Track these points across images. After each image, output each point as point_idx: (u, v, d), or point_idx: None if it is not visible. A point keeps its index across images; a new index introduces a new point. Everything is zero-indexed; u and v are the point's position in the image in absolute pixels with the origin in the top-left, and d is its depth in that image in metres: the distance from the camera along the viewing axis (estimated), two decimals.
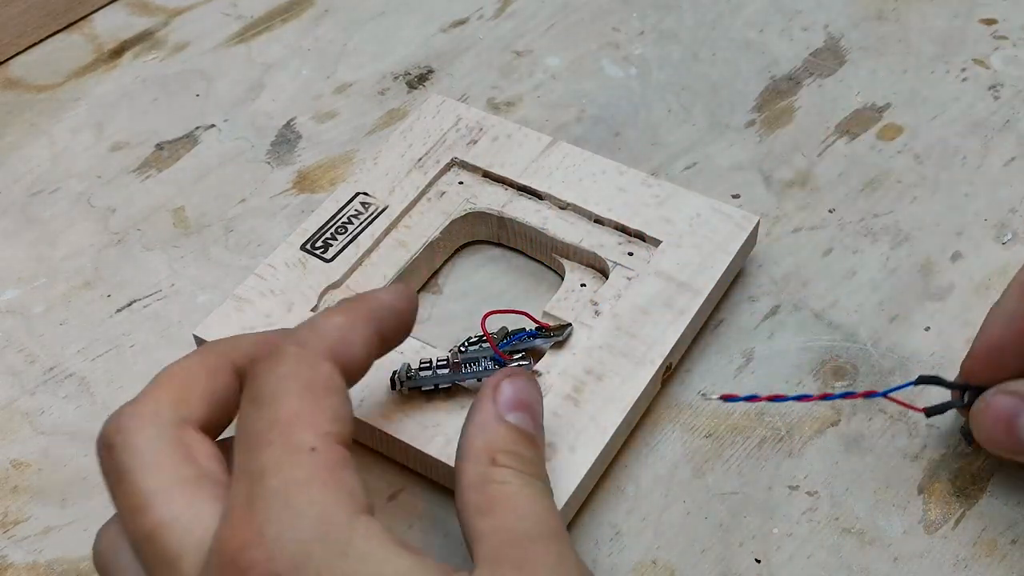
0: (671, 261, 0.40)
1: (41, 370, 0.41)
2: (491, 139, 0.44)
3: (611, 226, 0.41)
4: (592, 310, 0.39)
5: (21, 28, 0.53)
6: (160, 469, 0.27)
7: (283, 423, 0.26)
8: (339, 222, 0.41)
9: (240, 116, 0.50)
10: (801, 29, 0.53)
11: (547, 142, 0.44)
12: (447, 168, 0.44)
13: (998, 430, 0.32)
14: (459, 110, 0.45)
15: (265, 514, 0.25)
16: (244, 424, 0.27)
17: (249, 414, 0.27)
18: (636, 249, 0.41)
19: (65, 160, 0.48)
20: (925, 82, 0.50)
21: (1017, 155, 0.46)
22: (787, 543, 0.35)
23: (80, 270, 0.44)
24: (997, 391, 0.32)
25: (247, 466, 0.26)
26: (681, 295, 0.39)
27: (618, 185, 0.42)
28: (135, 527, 0.27)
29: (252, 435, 0.27)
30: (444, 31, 0.54)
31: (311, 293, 0.39)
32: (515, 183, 0.43)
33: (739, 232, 0.40)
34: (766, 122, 0.48)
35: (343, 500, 0.26)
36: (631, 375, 0.37)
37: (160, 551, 0.26)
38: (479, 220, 0.43)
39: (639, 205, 0.41)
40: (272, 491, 0.25)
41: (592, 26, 0.53)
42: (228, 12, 0.55)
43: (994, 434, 0.32)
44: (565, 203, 0.42)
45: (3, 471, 0.38)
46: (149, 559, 0.26)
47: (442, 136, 0.44)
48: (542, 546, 0.27)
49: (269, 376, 0.28)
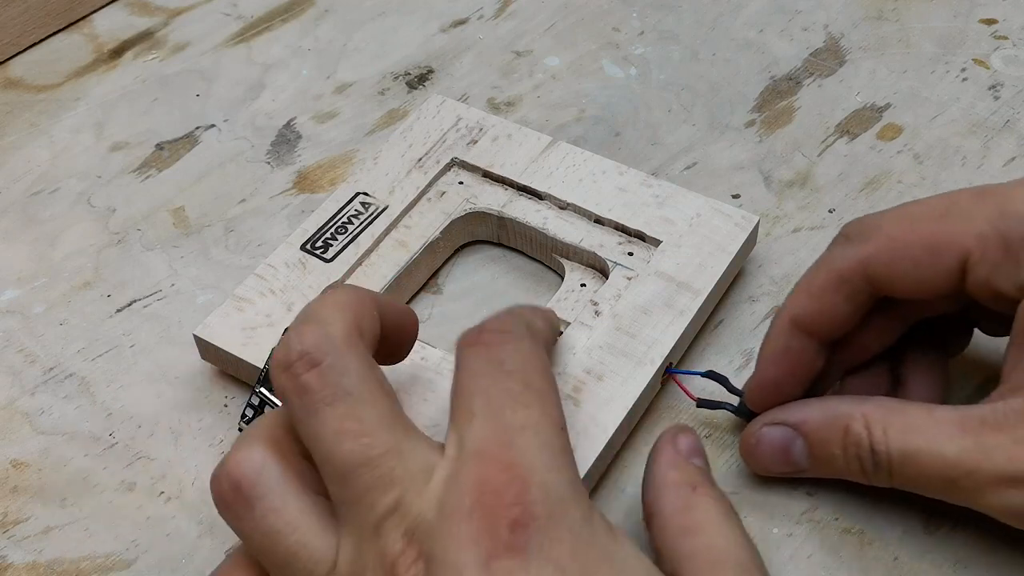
0: (671, 261, 0.40)
1: (41, 370, 0.41)
2: (491, 139, 0.44)
3: (611, 226, 0.41)
4: (592, 310, 0.39)
5: (21, 28, 0.53)
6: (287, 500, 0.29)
7: (538, 392, 0.29)
8: (339, 222, 0.41)
9: (240, 116, 0.50)
10: (801, 29, 0.53)
11: (547, 142, 0.44)
12: (447, 168, 0.44)
13: (776, 459, 0.35)
14: (459, 110, 0.45)
15: (528, 461, 0.27)
16: (487, 388, 0.29)
17: (498, 377, 0.29)
18: (636, 249, 0.41)
19: (65, 160, 0.48)
20: (925, 82, 0.50)
21: (1017, 155, 0.46)
22: (787, 543, 0.35)
23: (80, 270, 0.44)
24: (764, 424, 0.35)
25: (502, 417, 0.28)
26: (681, 295, 0.39)
27: (618, 185, 0.42)
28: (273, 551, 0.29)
29: (502, 394, 0.29)
30: (444, 31, 0.54)
31: (311, 293, 0.39)
32: (515, 183, 0.43)
33: (739, 232, 0.40)
34: (766, 122, 0.48)
35: (580, 482, 0.29)
36: (631, 375, 0.37)
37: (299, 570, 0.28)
38: (479, 220, 0.43)
39: (639, 205, 0.41)
40: (536, 445, 0.28)
41: (592, 26, 0.53)
42: (228, 12, 0.55)
43: (772, 464, 0.35)
44: (565, 203, 0.42)
45: (3, 471, 0.38)
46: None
47: (442, 136, 0.44)
48: (750, 566, 0.30)
49: (516, 354, 0.30)
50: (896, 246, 0.33)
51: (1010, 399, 0.31)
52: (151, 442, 0.38)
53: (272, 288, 0.39)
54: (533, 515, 0.26)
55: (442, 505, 0.27)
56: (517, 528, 0.26)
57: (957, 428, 0.31)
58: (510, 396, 0.29)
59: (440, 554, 0.26)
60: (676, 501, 0.32)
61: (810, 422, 0.34)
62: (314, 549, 0.28)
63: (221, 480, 0.29)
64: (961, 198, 0.33)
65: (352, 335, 0.30)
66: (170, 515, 0.36)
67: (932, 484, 0.32)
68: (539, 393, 0.29)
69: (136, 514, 0.37)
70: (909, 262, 0.33)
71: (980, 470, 0.31)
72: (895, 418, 0.32)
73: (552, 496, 0.27)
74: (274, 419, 0.30)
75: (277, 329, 0.38)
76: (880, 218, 0.34)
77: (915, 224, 0.33)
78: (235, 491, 0.29)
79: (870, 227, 0.34)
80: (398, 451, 0.28)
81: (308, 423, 0.29)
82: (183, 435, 0.38)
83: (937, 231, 0.32)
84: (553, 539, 0.26)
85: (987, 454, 0.31)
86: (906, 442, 0.32)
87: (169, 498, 0.37)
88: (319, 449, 0.28)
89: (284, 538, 0.28)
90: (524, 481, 0.27)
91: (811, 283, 0.34)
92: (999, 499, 0.31)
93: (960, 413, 0.32)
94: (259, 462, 0.29)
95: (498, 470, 0.27)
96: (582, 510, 0.27)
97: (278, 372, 0.29)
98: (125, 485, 0.37)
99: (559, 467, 0.28)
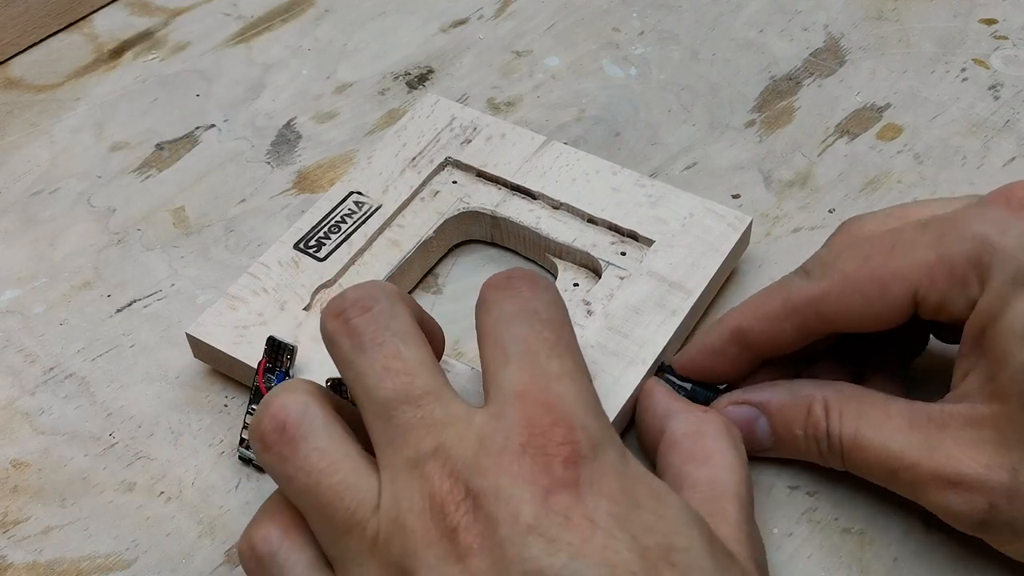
0: (664, 261, 0.40)
1: (41, 370, 0.41)
2: (485, 139, 0.44)
3: (604, 226, 0.41)
4: (584, 310, 0.39)
5: (21, 28, 0.53)
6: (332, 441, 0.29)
7: (568, 344, 0.30)
8: (332, 221, 0.41)
9: (240, 116, 0.50)
10: (801, 29, 0.53)
11: (541, 142, 0.44)
12: (441, 167, 0.44)
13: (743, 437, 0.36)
14: (453, 109, 0.45)
15: (568, 405, 0.28)
16: (524, 335, 0.30)
17: (534, 325, 0.30)
18: (629, 249, 0.41)
19: (65, 160, 0.48)
20: (925, 82, 0.50)
21: (1017, 155, 0.46)
22: (787, 543, 0.35)
23: (80, 270, 0.44)
24: (729, 403, 0.36)
25: (538, 364, 0.29)
26: (673, 295, 0.39)
27: (611, 185, 0.42)
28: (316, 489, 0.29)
29: (539, 342, 0.30)
30: (444, 31, 0.54)
31: (304, 292, 0.39)
32: (508, 183, 0.43)
33: (732, 232, 0.40)
34: (766, 122, 0.48)
35: (611, 425, 0.30)
36: (623, 374, 0.37)
37: (343, 510, 0.28)
38: (472, 219, 0.43)
39: (632, 205, 0.41)
40: (574, 391, 0.29)
41: (592, 26, 0.53)
42: (228, 12, 0.55)
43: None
44: (558, 203, 0.42)
45: (3, 471, 0.38)
46: (330, 519, 0.28)
47: (436, 136, 0.44)
48: (747, 504, 0.32)
49: (549, 305, 0.31)
50: (848, 284, 0.34)
51: (958, 405, 0.32)
52: (151, 442, 0.38)
53: (265, 287, 0.39)
54: (581, 454, 0.27)
55: (489, 444, 0.27)
56: (570, 465, 0.27)
57: (907, 422, 0.32)
58: (546, 344, 0.30)
59: (493, 491, 0.26)
60: (687, 424, 0.34)
61: (774, 402, 0.35)
62: (358, 490, 0.28)
63: (264, 422, 0.29)
64: (906, 230, 0.33)
65: (403, 296, 0.31)
66: (170, 515, 0.36)
67: (877, 473, 0.33)
68: (569, 345, 0.30)
69: (136, 514, 0.37)
70: (860, 299, 0.33)
71: (920, 466, 0.32)
72: (851, 404, 0.34)
73: (595, 436, 0.28)
74: (305, 380, 0.31)
75: (269, 328, 0.38)
76: (837, 256, 0.34)
77: (866, 261, 0.34)
78: (279, 431, 0.29)
79: (827, 264, 0.34)
80: (439, 394, 0.29)
81: (355, 362, 0.30)
82: (183, 435, 0.38)
83: (885, 267, 0.33)
84: (601, 475, 0.27)
85: (929, 452, 0.32)
86: (857, 429, 0.33)
87: (169, 498, 0.37)
88: (363, 385, 0.29)
89: (328, 477, 0.28)
90: (569, 422, 0.28)
91: (764, 305, 0.35)
92: (935, 498, 0.32)
93: (912, 408, 0.33)
94: (303, 403, 0.29)
95: (543, 412, 0.28)
96: (619, 450, 0.29)
97: (329, 319, 0.31)
98: (125, 485, 0.37)
99: (595, 413, 0.29)
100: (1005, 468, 0.30)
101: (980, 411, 0.31)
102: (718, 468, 0.32)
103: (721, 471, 0.32)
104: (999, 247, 0.31)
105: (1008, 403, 0.30)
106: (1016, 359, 0.30)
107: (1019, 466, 0.30)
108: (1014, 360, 0.30)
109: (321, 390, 0.30)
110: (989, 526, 0.31)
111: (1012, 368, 0.30)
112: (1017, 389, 0.30)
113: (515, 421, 0.28)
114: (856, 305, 0.33)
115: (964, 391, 0.32)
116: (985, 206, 0.33)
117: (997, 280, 0.31)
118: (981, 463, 0.31)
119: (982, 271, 0.32)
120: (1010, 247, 0.31)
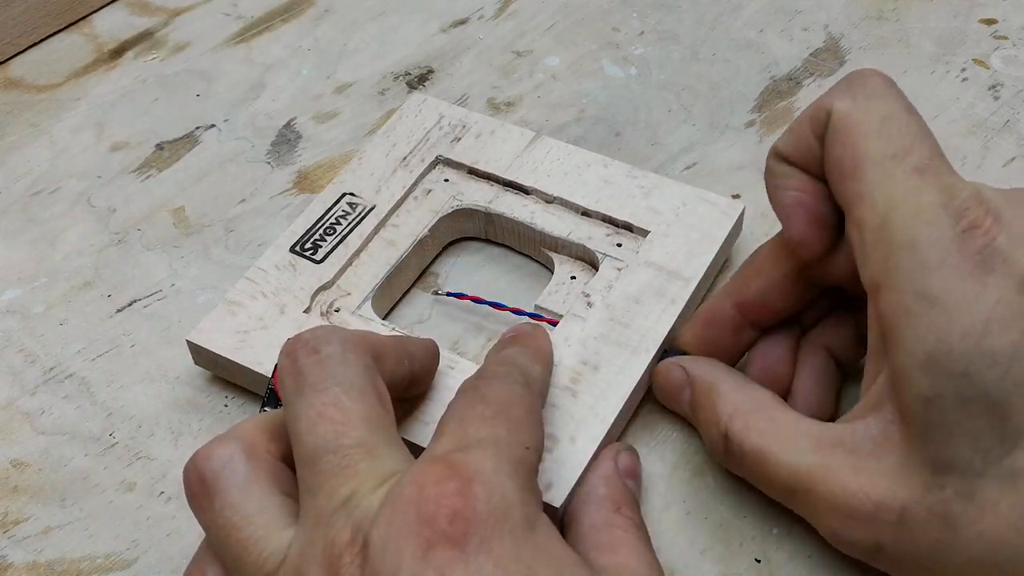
0: (660, 250, 0.40)
1: (41, 370, 0.41)
2: (474, 136, 0.44)
3: (598, 218, 0.41)
4: (584, 302, 0.39)
5: (21, 28, 0.53)
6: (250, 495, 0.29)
7: (511, 419, 0.30)
8: (327, 223, 0.42)
9: (240, 116, 0.50)
10: (801, 29, 0.53)
11: (531, 137, 0.44)
12: (432, 166, 0.44)
13: (670, 398, 0.37)
14: (441, 108, 0.45)
15: (477, 464, 0.27)
16: (462, 411, 0.30)
17: (474, 405, 0.30)
18: (625, 240, 0.41)
19: (65, 160, 0.48)
20: (925, 82, 0.50)
21: (1017, 155, 0.46)
22: (787, 543, 0.35)
23: (80, 270, 0.44)
24: (674, 363, 0.37)
25: (465, 432, 0.29)
26: (672, 283, 0.39)
27: (603, 177, 0.42)
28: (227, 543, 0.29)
29: (473, 416, 0.30)
30: (444, 31, 0.54)
31: (303, 295, 0.39)
32: (501, 179, 0.43)
33: (726, 220, 0.41)
34: (766, 122, 0.48)
35: (535, 495, 0.29)
36: (627, 364, 0.37)
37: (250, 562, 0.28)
38: (466, 217, 0.43)
39: (625, 196, 0.42)
40: (492, 454, 0.28)
41: (592, 26, 0.53)
42: (228, 12, 0.55)
43: (667, 399, 0.37)
44: (552, 197, 0.42)
45: (3, 471, 0.38)
46: (239, 572, 0.28)
47: (425, 135, 0.44)
48: None
49: (499, 391, 0.31)
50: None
51: (870, 420, 0.31)
52: (151, 442, 0.38)
53: (263, 291, 0.39)
54: (475, 509, 0.26)
55: (392, 496, 0.27)
56: (457, 520, 0.26)
57: (814, 443, 0.32)
58: (480, 417, 0.29)
59: (379, 542, 0.26)
60: (596, 516, 0.33)
61: (696, 383, 0.36)
62: (266, 544, 0.28)
63: (189, 471, 0.30)
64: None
65: (361, 346, 0.31)
66: (170, 515, 0.36)
67: (774, 489, 0.33)
68: (512, 420, 0.30)
69: (136, 514, 0.37)
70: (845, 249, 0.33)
71: (816, 491, 0.31)
72: (761, 415, 0.33)
73: (496, 497, 0.27)
74: (258, 421, 0.31)
75: (270, 332, 0.38)
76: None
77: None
78: (200, 483, 0.29)
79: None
80: (370, 450, 0.28)
81: (293, 404, 0.29)
82: (183, 435, 0.38)
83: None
84: (495, 537, 0.26)
85: (827, 478, 0.31)
86: (762, 443, 0.32)
87: (169, 498, 0.37)
88: (296, 430, 0.29)
89: (238, 532, 0.28)
90: (468, 479, 0.27)
91: (758, 267, 0.36)
92: (828, 524, 0.31)
93: (822, 430, 0.32)
94: (226, 457, 0.29)
95: (444, 467, 0.27)
96: (528, 515, 0.27)
97: (282, 356, 0.30)
98: (125, 485, 0.37)
99: (512, 475, 0.28)
100: (895, 507, 0.29)
101: (891, 433, 0.30)
102: (624, 556, 0.31)
103: (628, 558, 0.31)
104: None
105: (913, 427, 0.29)
106: (914, 389, 0.29)
107: (909, 505, 0.29)
108: (914, 389, 0.29)
109: (258, 440, 0.30)
110: (877, 560, 0.31)
111: (912, 396, 0.29)
112: (917, 421, 0.29)
113: (415, 476, 0.27)
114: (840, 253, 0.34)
115: (877, 398, 0.31)
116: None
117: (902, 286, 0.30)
118: (873, 499, 0.30)
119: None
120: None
